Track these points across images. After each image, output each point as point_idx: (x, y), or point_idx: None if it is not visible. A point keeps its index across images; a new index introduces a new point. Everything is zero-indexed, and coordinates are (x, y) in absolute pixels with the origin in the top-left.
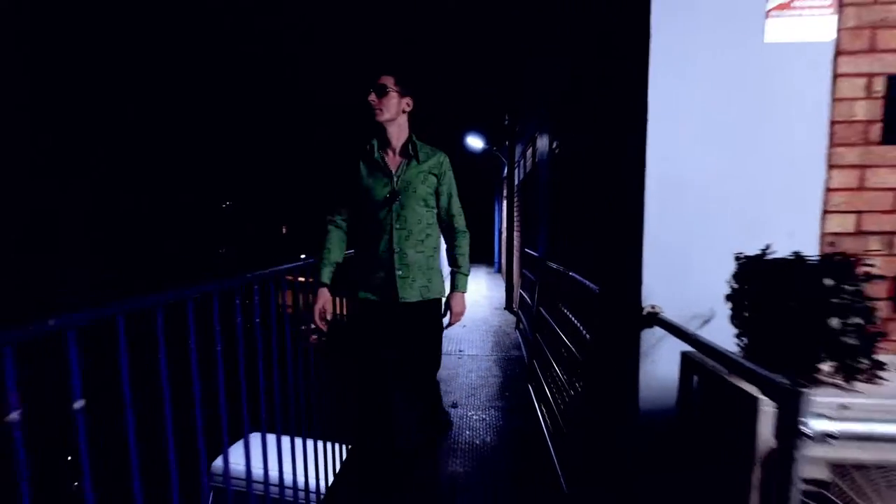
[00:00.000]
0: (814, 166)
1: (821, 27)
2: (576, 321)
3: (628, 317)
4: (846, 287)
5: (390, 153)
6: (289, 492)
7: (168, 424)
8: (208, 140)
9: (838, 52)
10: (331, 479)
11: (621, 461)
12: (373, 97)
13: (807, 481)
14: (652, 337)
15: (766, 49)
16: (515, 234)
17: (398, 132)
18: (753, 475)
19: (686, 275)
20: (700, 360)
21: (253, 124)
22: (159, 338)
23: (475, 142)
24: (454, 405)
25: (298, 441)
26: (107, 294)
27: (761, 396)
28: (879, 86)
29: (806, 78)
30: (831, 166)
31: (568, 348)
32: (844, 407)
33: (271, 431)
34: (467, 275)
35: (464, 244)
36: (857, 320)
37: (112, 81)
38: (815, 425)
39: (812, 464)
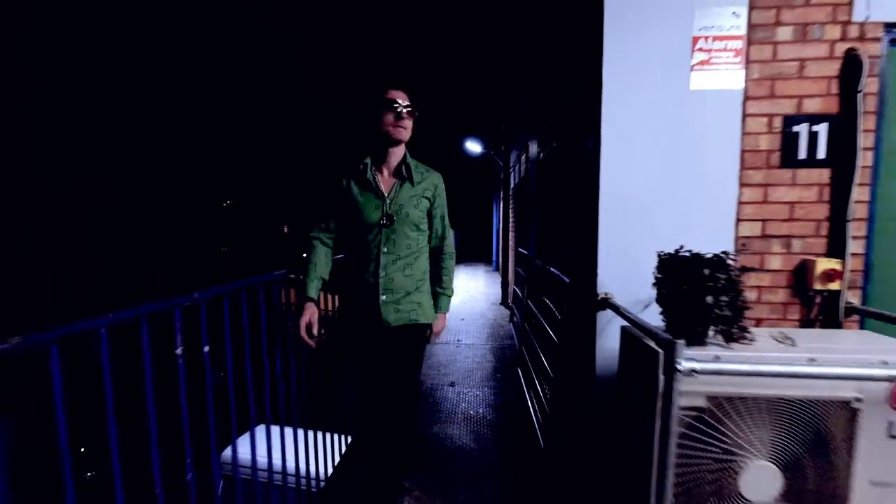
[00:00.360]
0: (729, 185)
1: (732, 78)
2: (553, 308)
3: (588, 302)
4: (719, 276)
5: (384, 173)
6: (292, 479)
7: (185, 419)
8: (209, 138)
9: (746, 98)
10: (330, 469)
11: (583, 412)
12: (400, 116)
13: (690, 408)
14: (605, 317)
15: (692, 94)
16: (510, 234)
17: (399, 152)
18: (657, 404)
19: (631, 269)
20: (631, 331)
21: (254, 123)
22: (177, 335)
23: (474, 146)
24: (452, 384)
25: (301, 432)
26: (113, 295)
27: (657, 349)
28: (777, 123)
29: (722, 117)
30: (742, 185)
31: (548, 333)
32: (717, 357)
33: (276, 424)
34: (451, 296)
35: (450, 265)
36: (726, 298)
37: (113, 79)
38: (686, 365)
39: (694, 396)
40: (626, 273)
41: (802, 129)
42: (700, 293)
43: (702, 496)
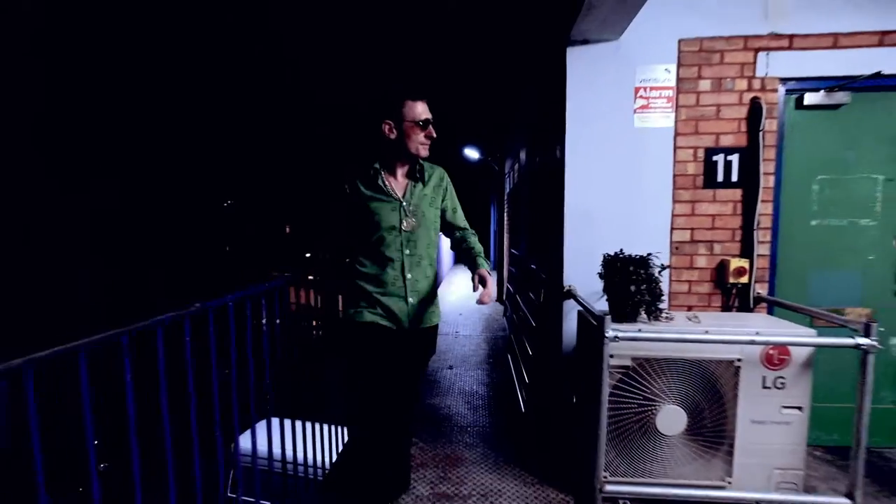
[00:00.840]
0: (665, 201)
1: (666, 119)
2: (533, 298)
3: (556, 293)
4: (641, 271)
5: (398, 176)
6: (300, 468)
7: (192, 412)
8: (208, 137)
9: (677, 134)
10: (334, 456)
11: (552, 380)
12: (431, 135)
13: (620, 367)
14: (569, 305)
15: (635, 131)
16: (505, 235)
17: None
18: (601, 363)
19: (589, 267)
20: (584, 314)
21: (255, 122)
22: (186, 344)
23: (472, 153)
24: (451, 367)
25: (307, 424)
26: (119, 296)
27: (596, 324)
28: (701, 154)
29: (659, 148)
30: (675, 201)
31: (529, 319)
32: (640, 329)
33: (284, 416)
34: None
35: (476, 240)
36: (644, 287)
37: (112, 78)
38: (611, 333)
39: (623, 358)
40: (585, 270)
41: (720, 159)
42: (627, 284)
43: (631, 432)
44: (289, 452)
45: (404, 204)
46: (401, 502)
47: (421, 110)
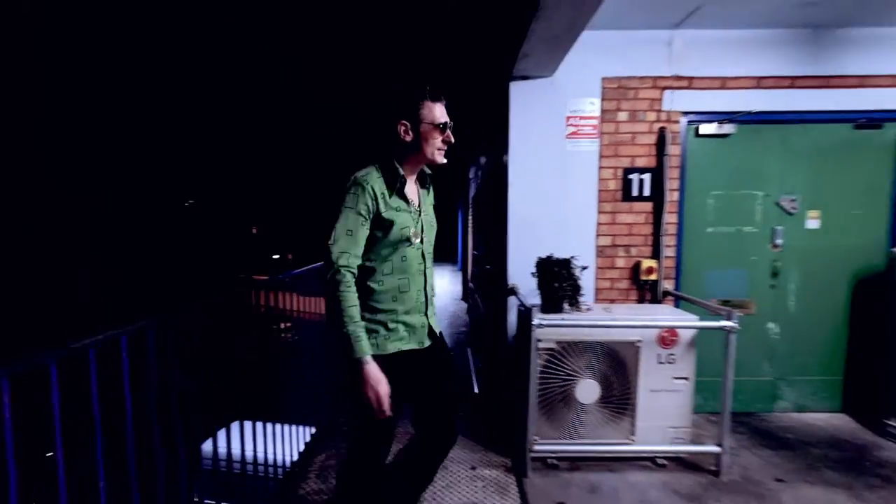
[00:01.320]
0: (591, 211)
1: (591, 143)
2: (487, 295)
3: (503, 290)
4: (563, 271)
5: (411, 184)
6: (261, 468)
7: (154, 422)
8: (168, 133)
9: (601, 156)
10: (295, 456)
11: (498, 364)
12: (448, 140)
13: (547, 349)
14: (512, 301)
15: (567, 153)
16: (470, 238)
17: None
18: (531, 346)
19: (529, 267)
20: (521, 307)
21: (220, 118)
22: (150, 356)
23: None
24: None
25: (269, 426)
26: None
27: (527, 314)
28: (620, 173)
29: (586, 168)
30: (599, 212)
31: (484, 316)
32: (563, 318)
33: (249, 419)
34: None
35: None
36: (566, 284)
37: (67, 74)
38: (537, 321)
39: (549, 342)
40: (525, 270)
41: (635, 177)
42: (552, 281)
43: (555, 402)
44: (252, 454)
45: (420, 213)
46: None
47: (440, 113)
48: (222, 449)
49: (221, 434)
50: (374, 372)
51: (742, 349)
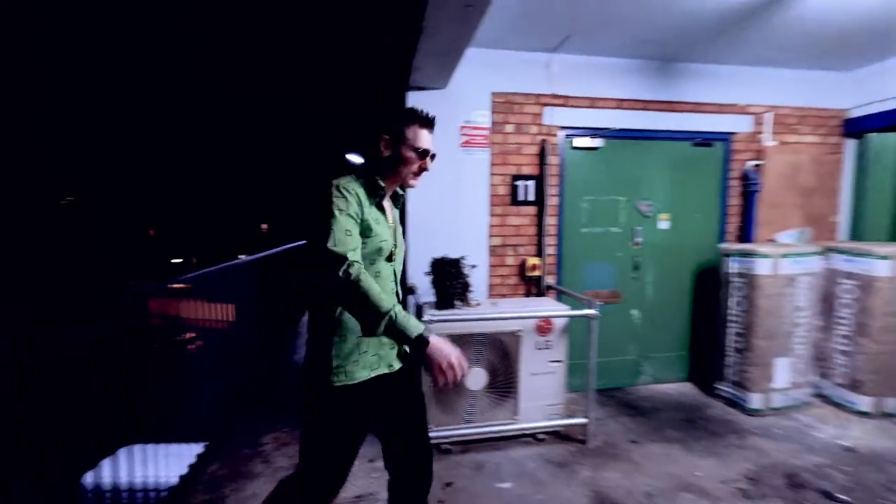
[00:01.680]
0: (484, 214)
1: (483, 152)
2: None
3: (405, 290)
4: (453, 270)
5: (387, 200)
6: (140, 494)
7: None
8: (40, 117)
9: (492, 163)
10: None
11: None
12: (425, 167)
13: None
14: (410, 300)
15: (462, 160)
16: None
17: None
18: None
19: (426, 268)
20: (419, 305)
21: (110, 103)
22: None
23: (356, 158)
24: None
25: (158, 447)
26: None
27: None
28: (508, 179)
29: (479, 174)
30: (491, 215)
31: None
32: (454, 313)
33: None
34: None
35: None
36: (456, 282)
37: None
38: (427, 317)
39: (444, 333)
40: (423, 270)
41: (521, 184)
42: (444, 279)
43: (448, 390)
44: (142, 479)
45: (396, 231)
46: None
47: (424, 139)
48: (108, 479)
49: (107, 463)
50: (441, 342)
51: (610, 332)
